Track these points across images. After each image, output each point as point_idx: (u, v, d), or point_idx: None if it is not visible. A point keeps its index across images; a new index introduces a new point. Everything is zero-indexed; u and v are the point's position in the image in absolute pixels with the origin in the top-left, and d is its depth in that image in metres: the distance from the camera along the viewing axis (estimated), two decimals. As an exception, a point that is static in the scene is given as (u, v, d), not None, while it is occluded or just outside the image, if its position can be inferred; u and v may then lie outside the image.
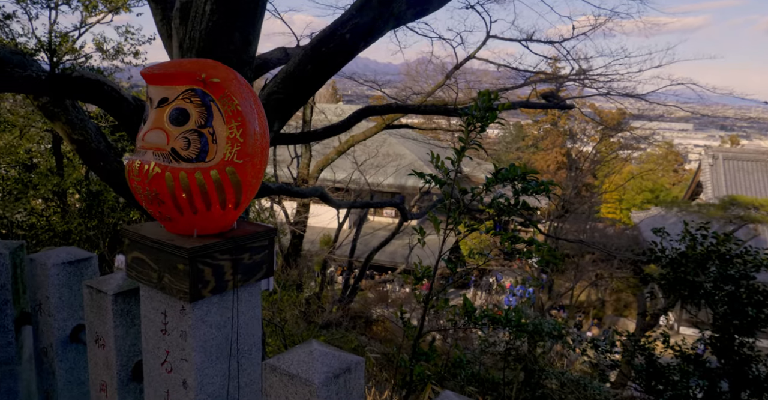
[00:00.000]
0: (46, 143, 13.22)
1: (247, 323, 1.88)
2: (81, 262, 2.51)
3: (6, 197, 11.75)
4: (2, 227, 11.29)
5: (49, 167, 12.64)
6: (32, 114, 12.07)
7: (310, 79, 3.63)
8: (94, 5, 13.83)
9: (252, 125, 1.71)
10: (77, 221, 11.02)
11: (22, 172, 12.20)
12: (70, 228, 11.05)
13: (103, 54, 14.29)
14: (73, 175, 11.95)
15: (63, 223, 11.41)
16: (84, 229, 10.86)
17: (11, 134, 12.26)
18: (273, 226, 2.42)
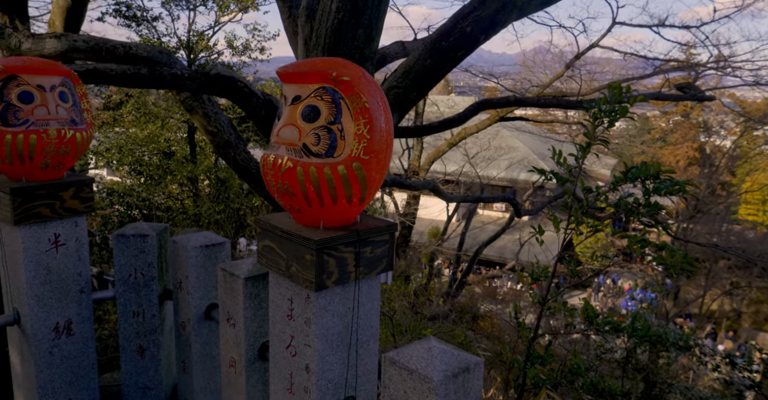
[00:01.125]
0: (182, 133, 14.51)
1: (366, 314, 1.93)
2: (216, 246, 2.72)
3: (149, 182, 13.08)
4: (145, 208, 12.56)
5: (185, 155, 13.86)
6: (172, 107, 13.29)
7: (429, 74, 3.63)
8: (226, 5, 14.85)
9: (378, 122, 1.74)
10: (207, 204, 12.00)
11: (162, 159, 13.49)
12: (201, 211, 12.05)
13: (233, 50, 15.35)
14: (205, 163, 13.01)
15: (194, 206, 12.48)
16: (212, 212, 11.79)
17: (154, 125, 13.59)
18: (394, 221, 2.44)
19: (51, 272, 2.62)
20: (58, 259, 2.64)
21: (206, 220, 12.22)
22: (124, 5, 14.66)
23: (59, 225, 2.64)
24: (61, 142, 2.56)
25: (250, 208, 12.07)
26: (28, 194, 2.50)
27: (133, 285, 2.87)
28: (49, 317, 2.64)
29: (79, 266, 2.71)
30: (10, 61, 2.53)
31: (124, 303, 2.88)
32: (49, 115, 2.54)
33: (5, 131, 2.43)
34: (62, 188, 2.61)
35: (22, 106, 2.49)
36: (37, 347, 2.61)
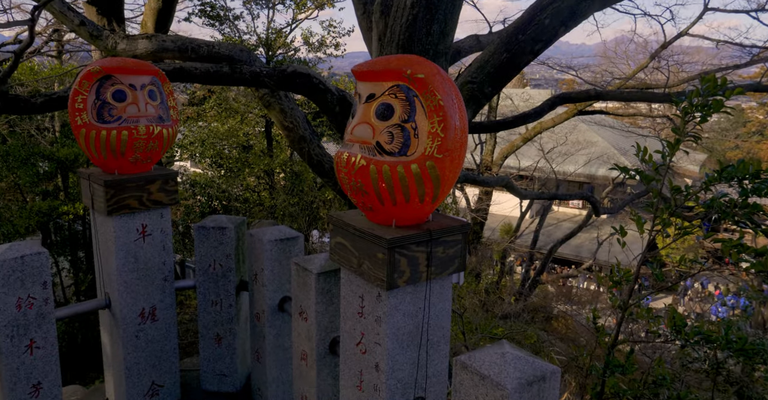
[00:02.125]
0: (260, 127, 15.03)
1: (437, 314, 1.90)
2: (290, 240, 2.78)
3: (228, 174, 13.65)
4: (224, 199, 13.13)
5: (262, 149, 14.35)
6: (250, 102, 13.79)
7: (505, 68, 3.52)
8: (303, 3, 15.16)
9: (453, 120, 1.69)
10: (282, 197, 12.37)
11: (241, 152, 14.02)
12: (276, 203, 12.45)
13: (308, 47, 15.68)
14: (281, 157, 13.41)
15: (270, 199, 12.89)
16: (287, 205, 12.14)
17: (234, 119, 14.15)
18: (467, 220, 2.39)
19: (138, 261, 2.78)
20: (144, 248, 2.80)
21: (281, 212, 12.60)
22: (209, 5, 15.33)
23: (146, 216, 2.79)
24: (150, 138, 2.70)
25: (323, 201, 12.31)
26: (119, 187, 2.66)
27: (212, 275, 2.99)
28: (136, 302, 2.80)
29: (163, 255, 2.86)
30: (106, 62, 2.70)
31: (203, 292, 3.01)
32: (139, 113, 2.68)
33: (101, 128, 2.60)
34: (149, 181, 2.76)
35: (115, 104, 2.65)
36: (125, 331, 2.79)
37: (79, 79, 2.64)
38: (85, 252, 8.93)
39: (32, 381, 2.54)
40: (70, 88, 3.09)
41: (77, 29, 5.01)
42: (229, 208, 12.69)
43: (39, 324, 2.53)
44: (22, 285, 2.45)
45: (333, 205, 11.72)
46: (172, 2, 8.73)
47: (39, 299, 2.51)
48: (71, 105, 2.62)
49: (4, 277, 2.40)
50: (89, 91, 2.63)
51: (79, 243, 8.91)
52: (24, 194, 9.12)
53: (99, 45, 5.09)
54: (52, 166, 8.53)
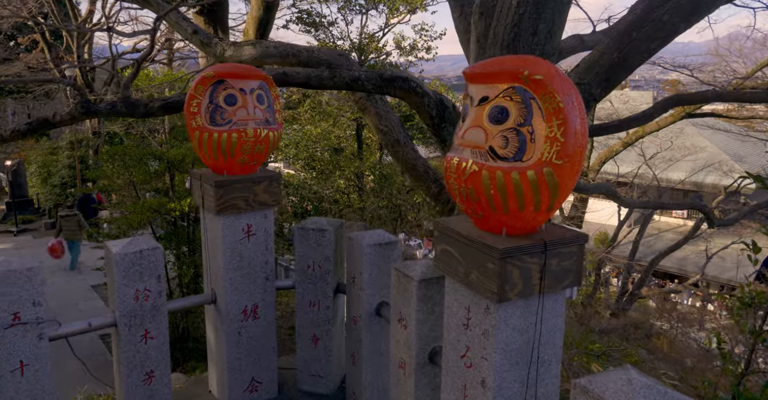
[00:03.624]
0: (351, 130, 15.34)
1: (549, 331, 1.79)
2: (389, 244, 2.75)
3: (319, 176, 14.04)
4: (315, 200, 13.50)
5: (352, 152, 14.64)
6: (343, 106, 14.11)
7: (616, 68, 3.30)
8: (396, 7, 15.29)
9: (573, 124, 1.58)
10: (371, 199, 12.53)
11: (332, 155, 14.37)
12: (365, 205, 12.63)
13: (400, 51, 15.79)
14: (371, 160, 13.61)
15: (360, 200, 13.11)
16: (376, 207, 12.28)
17: (326, 123, 14.54)
18: (584, 231, 2.25)
19: (243, 259, 2.87)
20: (249, 247, 2.89)
21: (369, 214, 12.77)
22: (306, 13, 15.86)
23: (252, 216, 2.88)
24: (257, 140, 2.78)
25: (411, 204, 12.32)
26: (228, 187, 2.76)
27: (311, 277, 3.03)
28: (240, 300, 2.90)
29: (266, 254, 2.94)
30: (219, 67, 2.82)
31: (302, 293, 3.07)
32: (248, 116, 2.78)
33: (213, 130, 2.71)
34: (255, 183, 2.84)
35: (226, 107, 2.75)
36: (229, 327, 2.89)
37: (195, 83, 2.78)
38: (188, 247, 9.47)
39: (146, 369, 2.69)
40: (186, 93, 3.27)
41: (190, 37, 5.32)
42: (319, 209, 13.04)
43: (153, 315, 2.68)
44: (140, 277, 2.61)
45: (421, 208, 11.69)
46: (272, 11, 9.11)
47: (154, 291, 2.66)
48: (187, 109, 2.76)
49: (125, 269, 2.56)
50: (203, 96, 2.76)
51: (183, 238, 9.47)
52: (137, 191, 9.83)
53: (209, 52, 5.38)
54: (162, 165, 9.13)
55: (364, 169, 13.52)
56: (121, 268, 2.55)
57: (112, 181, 9.60)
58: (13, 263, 2.34)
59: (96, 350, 8.25)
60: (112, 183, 9.68)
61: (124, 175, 9.47)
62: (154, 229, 9.43)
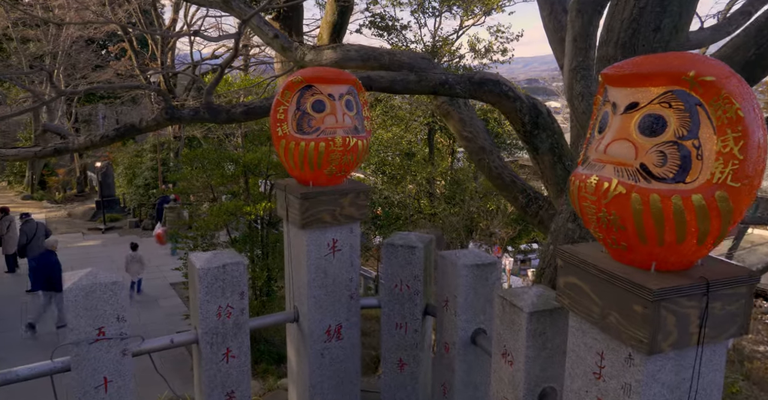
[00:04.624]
0: (422, 135, 15.10)
1: (705, 388, 1.47)
2: (487, 266, 2.49)
3: (390, 181, 13.88)
4: (386, 205, 13.36)
5: (423, 157, 14.39)
6: (415, 110, 13.91)
7: (752, 66, 2.87)
8: (471, 9, 14.94)
9: (755, 136, 1.26)
10: (442, 205, 12.23)
11: (403, 159, 14.18)
12: (436, 212, 12.34)
13: (474, 54, 15.41)
14: (443, 165, 13.32)
15: (430, 207, 12.83)
16: (448, 214, 11.96)
17: (398, 127, 14.38)
18: (755, 269, 1.90)
19: (327, 276, 2.69)
20: (334, 264, 2.70)
21: (440, 221, 12.47)
22: (379, 16, 15.81)
23: (337, 231, 2.69)
24: (345, 150, 2.60)
25: (485, 212, 11.91)
26: (314, 200, 2.60)
27: (398, 296, 2.81)
28: (324, 319, 2.72)
29: (350, 271, 2.75)
30: (307, 71, 2.66)
31: (388, 313, 2.85)
32: (337, 124, 2.60)
33: (300, 139, 2.55)
34: (342, 195, 2.66)
35: (314, 114, 2.59)
36: (312, 348, 2.72)
37: (282, 89, 2.63)
38: (261, 250, 9.55)
39: (227, 389, 2.56)
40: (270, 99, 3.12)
41: (271, 42, 5.27)
42: (390, 214, 12.87)
43: (235, 333, 2.54)
44: (222, 294, 2.48)
45: (495, 217, 11.26)
46: (345, 15, 9.07)
47: (236, 308, 2.53)
48: (273, 115, 2.62)
49: (208, 284, 2.44)
50: (290, 102, 2.61)
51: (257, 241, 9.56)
52: (215, 193, 10.04)
53: (289, 56, 5.31)
54: (238, 169, 9.26)
55: (436, 174, 13.23)
56: (204, 283, 2.43)
57: (190, 183, 9.86)
58: (99, 276, 2.27)
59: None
60: (190, 186, 9.95)
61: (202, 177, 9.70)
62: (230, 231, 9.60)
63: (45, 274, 7.86)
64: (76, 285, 2.20)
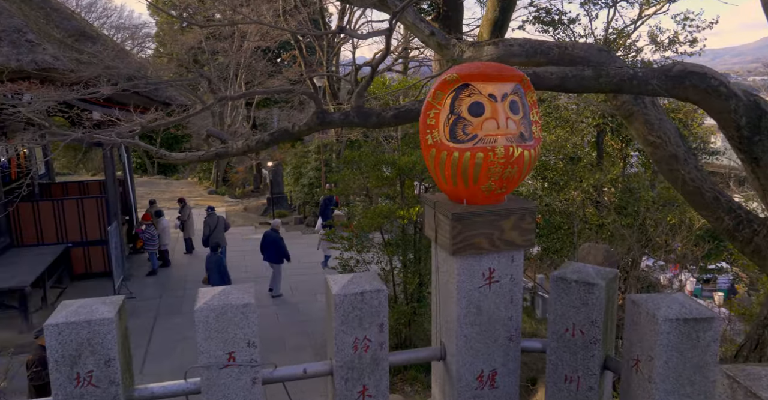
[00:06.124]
0: (590, 138, 13.78)
1: None
2: (698, 322, 1.85)
3: (552, 187, 12.87)
4: (546, 212, 12.39)
5: (590, 161, 13.11)
6: (583, 111, 12.71)
7: None
8: (653, -5, 13.30)
9: None
10: (612, 216, 10.96)
11: (567, 164, 13.07)
12: (604, 222, 11.11)
13: (655, 46, 13.67)
14: (613, 171, 11.97)
15: (597, 217, 11.60)
16: (618, 225, 10.69)
17: (562, 129, 13.28)
18: None
19: (481, 312, 2.25)
20: (489, 297, 2.26)
21: (608, 233, 11.22)
22: (544, 11, 14.83)
23: (495, 259, 2.24)
24: (508, 161, 2.13)
25: (663, 225, 10.42)
26: (467, 221, 2.17)
27: (569, 343, 2.27)
28: (475, 362, 2.29)
29: (510, 308, 2.28)
30: (463, 68, 2.25)
31: (555, 362, 2.32)
32: (498, 130, 2.14)
33: (453, 148, 2.15)
34: (503, 217, 2.20)
35: (471, 119, 2.16)
36: (460, 394, 2.30)
37: (433, 89, 2.25)
38: (414, 255, 9.36)
39: (360, 433, 2.25)
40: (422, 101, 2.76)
41: (427, 39, 4.95)
42: (551, 222, 11.92)
43: (372, 369, 2.22)
44: (359, 324, 2.17)
45: (677, 232, 9.78)
46: (507, 11, 8.50)
47: (374, 341, 2.20)
48: (423, 121, 2.25)
49: (344, 313, 2.15)
50: (442, 105, 2.22)
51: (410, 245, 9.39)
52: (370, 196, 10.08)
53: (446, 54, 4.94)
54: (393, 172, 9.16)
55: (605, 181, 11.94)
56: (340, 311, 2.14)
57: (348, 185, 10.02)
58: (231, 296, 2.09)
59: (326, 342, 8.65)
60: (348, 187, 10.12)
61: (359, 179, 9.80)
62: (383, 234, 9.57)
63: (271, 248, 10.00)
64: (208, 305, 2.05)
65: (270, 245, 10.04)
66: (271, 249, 10.01)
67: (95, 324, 1.95)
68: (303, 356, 7.98)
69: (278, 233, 10.29)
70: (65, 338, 1.93)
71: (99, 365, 1.97)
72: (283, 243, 10.14)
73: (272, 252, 9.99)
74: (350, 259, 9.01)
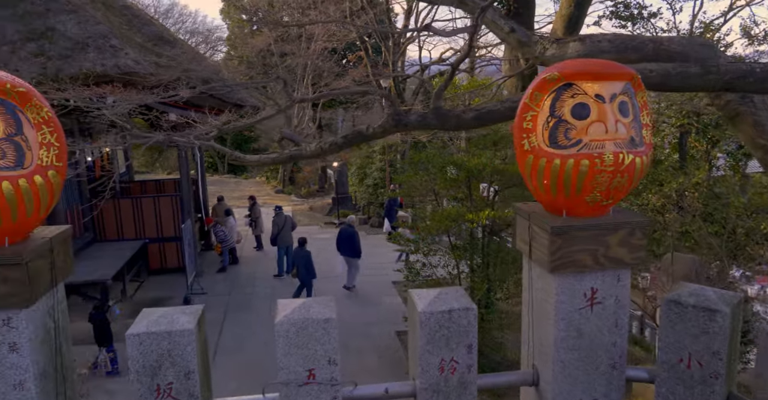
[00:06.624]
0: (671, 139, 12.97)
1: None
2: None
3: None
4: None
5: (671, 164, 12.34)
6: (665, 109, 11.96)
7: None
8: (747, -16, 12.36)
9: None
10: (697, 223, 10.22)
11: (648, 167, 12.33)
12: (688, 230, 10.38)
13: (748, 40, 12.69)
14: (698, 175, 11.18)
15: (680, 224, 10.86)
16: (704, 233, 9.96)
17: (643, 130, 12.54)
18: None
19: (582, 336, 2.04)
20: (591, 321, 2.04)
21: (691, 240, 10.49)
22: (622, 5, 14.12)
23: (598, 278, 2.02)
24: (617, 170, 1.91)
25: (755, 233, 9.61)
26: (568, 235, 1.96)
27: (684, 376, 2.01)
28: (573, 391, 2.07)
29: (614, 333, 2.05)
30: (565, 66, 2.03)
31: (665, 395, 2.07)
32: (606, 135, 1.92)
33: (553, 155, 1.94)
34: (610, 231, 1.97)
35: (575, 122, 1.95)
36: (555, 425, 2.09)
37: (530, 90, 2.05)
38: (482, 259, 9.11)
39: (444, 461, 2.09)
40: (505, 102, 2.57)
41: (507, 36, 4.71)
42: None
43: (459, 394, 2.06)
44: (446, 345, 2.01)
45: (774, 241, 8.97)
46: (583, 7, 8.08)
47: (462, 364, 2.04)
48: (518, 124, 2.06)
49: (430, 332, 2.00)
50: (541, 106, 2.01)
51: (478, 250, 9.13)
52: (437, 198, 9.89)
53: (526, 52, 4.69)
54: (462, 174, 8.92)
55: (688, 186, 11.17)
56: (426, 330, 1.99)
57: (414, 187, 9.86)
58: (312, 310, 1.98)
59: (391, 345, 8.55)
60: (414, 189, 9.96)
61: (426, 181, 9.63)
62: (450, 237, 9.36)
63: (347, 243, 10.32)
64: (288, 319, 1.95)
65: (346, 240, 10.33)
66: (348, 244, 10.30)
67: (175, 335, 1.89)
68: (366, 359, 7.91)
69: (354, 228, 10.65)
70: (146, 348, 1.88)
71: (179, 377, 1.91)
72: (358, 238, 10.42)
73: (348, 247, 10.29)
74: (416, 262, 8.86)
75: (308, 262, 9.57)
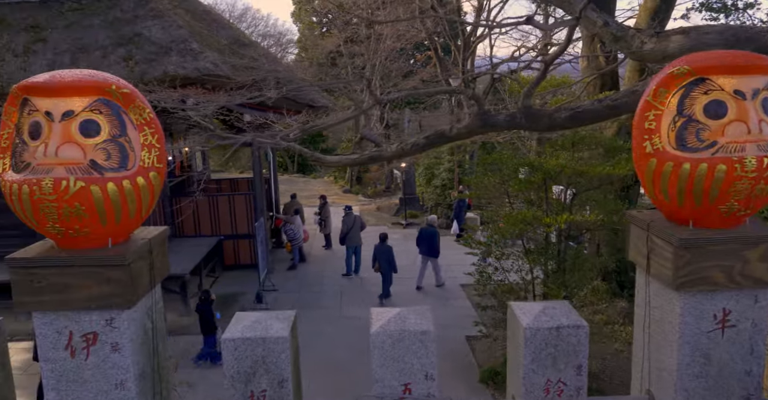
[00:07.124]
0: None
1: None
2: None
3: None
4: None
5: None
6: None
7: None
8: None
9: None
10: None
11: None
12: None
13: None
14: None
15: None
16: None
17: None
18: None
19: (710, 363, 1.81)
20: (721, 345, 1.81)
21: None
22: (716, -4, 13.22)
23: (732, 298, 1.79)
24: (761, 176, 1.68)
25: None
26: (698, 249, 1.75)
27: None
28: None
29: (749, 361, 1.81)
30: (696, 58, 1.81)
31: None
32: (748, 136, 1.69)
33: (682, 158, 1.74)
34: (748, 245, 1.74)
35: (707, 122, 1.74)
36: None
37: (654, 86, 1.85)
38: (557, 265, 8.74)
39: None
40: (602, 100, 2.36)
41: (600, 31, 4.43)
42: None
43: (565, 418, 1.88)
44: (553, 364, 1.85)
45: None
46: (671, 0, 7.59)
47: (570, 386, 1.86)
48: (638, 124, 1.86)
49: (536, 350, 1.84)
50: (666, 104, 1.81)
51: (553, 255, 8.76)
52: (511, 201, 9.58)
53: (622, 47, 4.39)
54: (538, 176, 8.57)
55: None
56: (531, 348, 1.83)
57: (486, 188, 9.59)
58: (408, 321, 1.87)
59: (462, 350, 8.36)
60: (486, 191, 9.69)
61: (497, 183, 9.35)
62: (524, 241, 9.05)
63: (428, 243, 10.30)
64: (384, 330, 1.85)
65: (427, 239, 10.31)
66: (428, 243, 10.26)
67: (270, 342, 1.83)
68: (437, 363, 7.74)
69: (435, 227, 10.61)
70: (241, 353, 1.84)
71: (272, 385, 1.85)
72: (438, 238, 10.39)
73: (428, 246, 10.25)
74: (488, 266, 8.62)
75: (390, 256, 9.79)
